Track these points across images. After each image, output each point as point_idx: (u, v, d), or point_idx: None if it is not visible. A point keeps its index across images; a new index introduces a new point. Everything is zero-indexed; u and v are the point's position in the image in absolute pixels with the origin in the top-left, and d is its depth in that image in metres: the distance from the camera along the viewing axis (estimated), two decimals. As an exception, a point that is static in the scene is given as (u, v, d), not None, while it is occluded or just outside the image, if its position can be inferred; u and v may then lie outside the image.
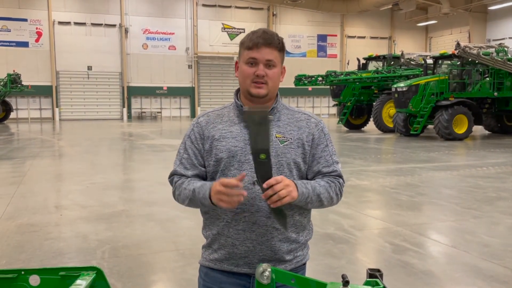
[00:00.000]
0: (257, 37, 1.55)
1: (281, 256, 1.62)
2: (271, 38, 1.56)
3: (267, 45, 1.55)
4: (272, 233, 1.59)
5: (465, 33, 35.23)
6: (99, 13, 32.31)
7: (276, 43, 1.57)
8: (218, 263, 1.65)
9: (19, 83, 26.91)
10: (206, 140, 1.62)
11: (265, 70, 1.55)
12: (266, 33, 1.57)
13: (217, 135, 1.61)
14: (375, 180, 7.95)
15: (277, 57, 1.58)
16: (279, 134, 1.60)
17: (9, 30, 30.45)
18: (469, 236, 4.65)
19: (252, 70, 1.56)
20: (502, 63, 15.31)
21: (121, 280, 3.50)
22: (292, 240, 1.63)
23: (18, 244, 4.37)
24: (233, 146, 1.58)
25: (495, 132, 18.27)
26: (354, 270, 3.78)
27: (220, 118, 1.65)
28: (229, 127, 1.61)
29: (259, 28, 1.61)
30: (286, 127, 1.62)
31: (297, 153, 1.61)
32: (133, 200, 6.46)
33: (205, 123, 1.65)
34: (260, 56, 1.55)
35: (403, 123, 16.60)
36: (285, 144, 1.59)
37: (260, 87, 1.57)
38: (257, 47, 1.55)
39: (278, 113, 1.64)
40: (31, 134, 19.33)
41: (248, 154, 1.56)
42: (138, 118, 33.69)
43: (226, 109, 1.68)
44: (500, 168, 9.29)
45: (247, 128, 1.56)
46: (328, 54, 37.96)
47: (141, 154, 12.08)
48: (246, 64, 1.57)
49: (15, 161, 10.55)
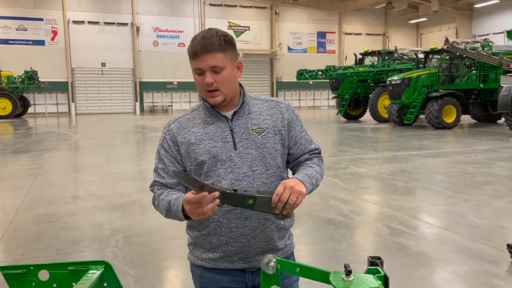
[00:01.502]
0: (196, 45, 1.38)
1: (274, 245, 1.53)
2: (210, 43, 1.37)
3: (207, 52, 1.37)
4: (264, 224, 1.49)
5: (452, 29, 35.38)
6: (112, 12, 32.15)
7: (216, 46, 1.37)
8: (212, 262, 1.53)
9: (36, 80, 26.84)
10: (180, 145, 1.49)
11: (213, 76, 1.40)
12: (204, 38, 1.38)
13: (193, 139, 1.48)
14: (372, 167, 7.88)
15: (222, 60, 1.39)
16: (254, 126, 1.48)
17: (25, 29, 30.31)
18: (459, 218, 4.60)
19: (202, 78, 1.41)
20: (487, 57, 15.38)
21: (134, 267, 3.45)
22: (280, 228, 1.54)
23: (35, 234, 4.31)
24: (212, 147, 1.46)
25: (481, 120, 18.27)
26: (354, 253, 3.73)
27: (192, 121, 1.52)
28: (203, 129, 1.48)
29: (201, 32, 1.42)
30: (259, 117, 1.50)
31: (276, 140, 1.50)
32: (146, 190, 6.35)
33: (176, 129, 1.52)
34: (203, 65, 1.39)
35: (397, 114, 16.65)
36: (263, 135, 1.48)
37: (215, 95, 1.43)
38: (197, 56, 1.39)
39: (247, 106, 1.51)
40: (48, 128, 19.31)
41: (229, 151, 1.45)
42: (150, 111, 33.68)
43: (196, 112, 1.55)
44: (486, 154, 9.21)
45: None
46: (327, 50, 37.87)
47: (153, 146, 12.02)
48: (196, 74, 1.44)
49: (33, 153, 10.51)
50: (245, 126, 1.48)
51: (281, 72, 36.31)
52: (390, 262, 3.41)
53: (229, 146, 1.46)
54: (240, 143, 1.47)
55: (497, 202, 5.28)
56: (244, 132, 1.48)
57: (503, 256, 3.50)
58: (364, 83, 20.67)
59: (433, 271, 3.33)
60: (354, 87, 20.48)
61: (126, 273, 3.29)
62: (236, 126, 1.48)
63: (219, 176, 1.45)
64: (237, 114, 1.50)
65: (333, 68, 20.59)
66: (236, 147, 1.46)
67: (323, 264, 3.39)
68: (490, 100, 16.56)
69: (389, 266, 3.32)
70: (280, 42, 35.84)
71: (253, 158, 1.46)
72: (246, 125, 1.49)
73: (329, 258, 3.56)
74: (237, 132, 1.47)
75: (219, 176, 1.45)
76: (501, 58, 15.48)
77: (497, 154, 9.27)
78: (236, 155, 1.45)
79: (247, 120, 1.49)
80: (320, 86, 35.80)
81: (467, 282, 3.11)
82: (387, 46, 33.53)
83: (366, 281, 1.14)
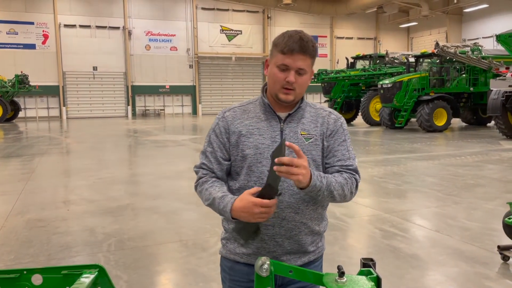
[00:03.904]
0: (293, 43, 1.42)
1: (306, 249, 1.55)
2: (307, 46, 1.43)
3: (302, 53, 1.42)
4: (299, 228, 1.51)
5: (443, 34, 35.85)
6: (103, 16, 32.03)
7: (310, 50, 1.44)
8: (245, 257, 1.54)
9: (26, 84, 26.59)
10: (231, 134, 1.52)
11: (296, 77, 1.44)
12: (303, 40, 1.42)
13: (244, 131, 1.50)
14: (364, 170, 7.92)
15: (309, 65, 1.47)
16: (304, 132, 1.51)
17: (16, 33, 30.09)
18: (451, 221, 4.64)
19: (283, 75, 1.44)
20: (476, 61, 15.62)
21: (127, 271, 3.43)
22: (315, 232, 1.57)
23: (26, 239, 4.26)
24: (260, 143, 1.48)
25: (471, 124, 18.49)
26: (347, 255, 3.74)
27: (247, 113, 1.54)
28: (256, 124, 1.51)
29: (294, 31, 1.46)
30: (310, 124, 1.53)
31: (320, 148, 1.53)
32: (138, 194, 6.38)
33: (231, 118, 1.54)
34: (293, 64, 1.43)
35: (389, 117, 16.80)
36: (311, 141, 1.50)
37: (289, 93, 1.46)
38: (291, 54, 1.42)
39: (302, 111, 1.54)
40: (39, 132, 19.13)
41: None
42: (142, 115, 33.52)
43: (252, 105, 1.57)
44: (477, 157, 9.31)
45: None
46: (319, 53, 37.91)
47: (145, 150, 11.98)
48: (278, 68, 1.45)
49: (24, 158, 10.40)
50: (295, 130, 1.50)
51: (273, 76, 36.34)
52: (382, 264, 3.43)
53: (275, 145, 1.46)
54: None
55: (488, 204, 5.33)
56: (293, 135, 1.49)
57: (493, 258, 3.54)
58: (356, 87, 20.81)
59: (425, 273, 3.35)
60: (346, 90, 20.64)
61: (118, 278, 3.27)
62: (287, 128, 1.50)
63: (262, 173, 1.46)
64: (290, 117, 1.52)
65: (325, 72, 20.77)
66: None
67: (316, 267, 3.40)
68: (480, 104, 16.76)
69: (382, 268, 3.34)
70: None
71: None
72: (296, 129, 1.51)
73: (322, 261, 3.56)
74: (287, 134, 1.49)
75: (262, 173, 1.46)
76: (491, 62, 15.71)
77: (487, 156, 9.37)
78: None
79: (298, 125, 1.51)
80: (312, 90, 35.90)
81: (458, 283, 3.14)
82: (378, 50, 33.94)
83: (359, 283, 1.15)
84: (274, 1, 32.14)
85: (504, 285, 3.11)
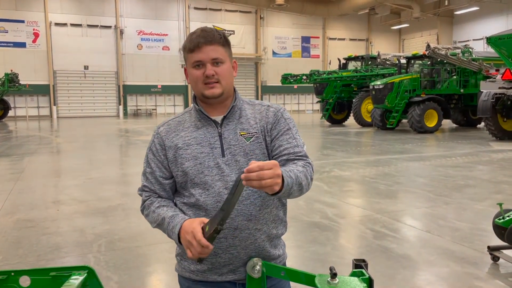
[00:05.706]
0: (197, 37, 1.37)
1: (267, 256, 1.45)
2: (211, 35, 1.37)
3: (209, 43, 1.36)
4: (255, 235, 1.41)
5: (434, 35, 36.20)
6: (95, 15, 31.80)
7: (217, 38, 1.38)
8: (200, 274, 1.45)
9: (16, 82, 26.28)
10: (168, 150, 1.43)
11: (214, 68, 1.37)
12: (205, 31, 1.39)
13: (181, 143, 1.42)
14: (356, 171, 7.96)
15: (222, 53, 1.39)
16: (243, 132, 1.42)
17: (6, 31, 29.73)
18: (441, 221, 4.67)
19: (201, 71, 1.38)
20: (467, 63, 15.80)
21: (117, 272, 3.40)
22: (273, 236, 1.47)
23: (15, 240, 4.20)
24: (198, 153, 1.40)
25: (461, 125, 18.66)
26: (338, 256, 3.75)
27: (182, 124, 1.46)
28: (192, 133, 1.43)
29: (197, 28, 1.42)
30: (249, 122, 1.44)
31: (263, 145, 1.43)
32: (129, 194, 6.32)
33: (165, 132, 1.46)
34: (204, 57, 1.36)
35: (380, 118, 16.88)
36: (252, 141, 1.41)
37: (213, 87, 1.38)
38: (199, 48, 1.36)
39: (239, 111, 1.45)
40: (29, 132, 18.91)
41: (216, 158, 1.39)
42: (134, 115, 33.33)
43: (187, 114, 1.49)
44: (467, 158, 9.39)
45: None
46: (311, 54, 38.24)
47: (136, 150, 11.89)
48: (194, 67, 1.39)
49: (13, 158, 10.27)
50: (234, 132, 1.42)
51: (266, 76, 36.45)
52: (374, 264, 3.44)
53: (216, 152, 1.40)
54: (228, 150, 1.40)
55: (478, 205, 5.38)
56: (232, 138, 1.42)
57: (483, 258, 3.57)
58: (348, 88, 20.90)
59: (416, 273, 3.37)
60: (338, 91, 20.71)
61: (109, 279, 3.24)
62: (225, 132, 1.42)
63: (206, 184, 1.38)
64: (226, 119, 1.44)
65: (317, 73, 20.82)
66: (224, 154, 1.40)
67: (308, 267, 3.40)
68: (470, 105, 16.94)
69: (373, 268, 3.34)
70: (265, 46, 36.02)
71: (241, 166, 1.39)
72: (235, 130, 1.42)
73: (314, 261, 3.57)
74: (226, 138, 1.41)
75: (206, 184, 1.38)
76: (481, 64, 15.89)
77: (477, 157, 9.46)
78: (223, 162, 1.39)
79: (236, 126, 1.43)
80: (304, 91, 36.09)
81: (449, 283, 3.16)
82: (370, 51, 34.07)
83: (351, 284, 1.15)
84: (267, 2, 32.20)
85: (493, 285, 3.13)
